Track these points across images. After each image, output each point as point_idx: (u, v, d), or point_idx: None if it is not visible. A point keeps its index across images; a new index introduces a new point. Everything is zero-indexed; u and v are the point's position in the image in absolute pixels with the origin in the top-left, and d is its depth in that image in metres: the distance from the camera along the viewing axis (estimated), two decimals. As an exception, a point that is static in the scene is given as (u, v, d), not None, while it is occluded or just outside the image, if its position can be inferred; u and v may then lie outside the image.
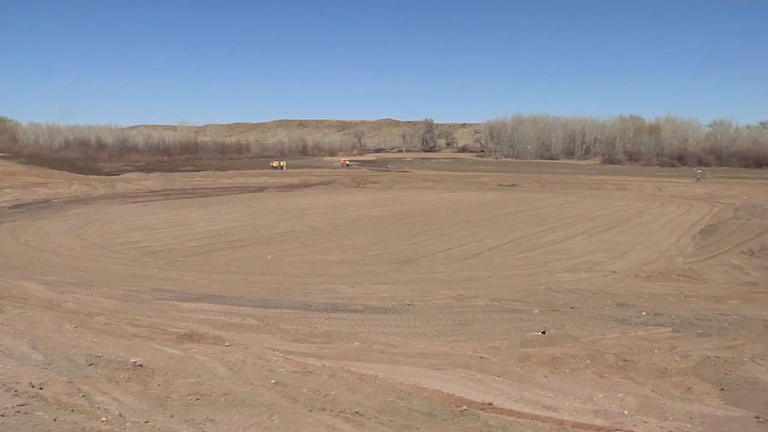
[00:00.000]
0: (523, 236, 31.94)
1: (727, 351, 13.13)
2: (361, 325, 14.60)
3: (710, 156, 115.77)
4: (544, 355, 12.22)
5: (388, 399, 8.53)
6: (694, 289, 20.87)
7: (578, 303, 17.79)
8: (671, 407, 9.47)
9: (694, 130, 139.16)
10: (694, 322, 15.44)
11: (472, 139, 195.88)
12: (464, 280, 21.47)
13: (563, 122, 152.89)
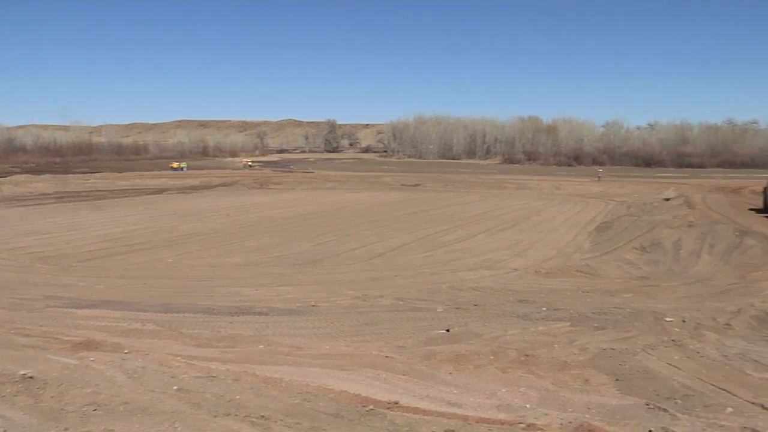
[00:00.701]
0: (427, 235, 32.33)
1: (621, 343, 13.66)
2: (266, 327, 14.40)
3: (604, 155, 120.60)
4: (448, 352, 12.37)
5: (294, 401, 8.43)
6: (591, 284, 21.62)
7: (481, 300, 18.13)
8: (570, 399, 9.75)
9: (589, 130, 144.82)
10: (591, 316, 15.99)
11: (375, 140, 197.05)
12: (369, 280, 21.53)
13: (464, 123, 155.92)
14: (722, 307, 17.57)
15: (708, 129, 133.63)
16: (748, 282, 21.85)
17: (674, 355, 12.91)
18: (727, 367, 12.53)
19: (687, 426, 8.58)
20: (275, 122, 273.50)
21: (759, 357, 13.19)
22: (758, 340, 14.47)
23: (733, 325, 15.49)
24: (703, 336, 14.49)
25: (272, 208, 45.87)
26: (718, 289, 20.93)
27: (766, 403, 10.31)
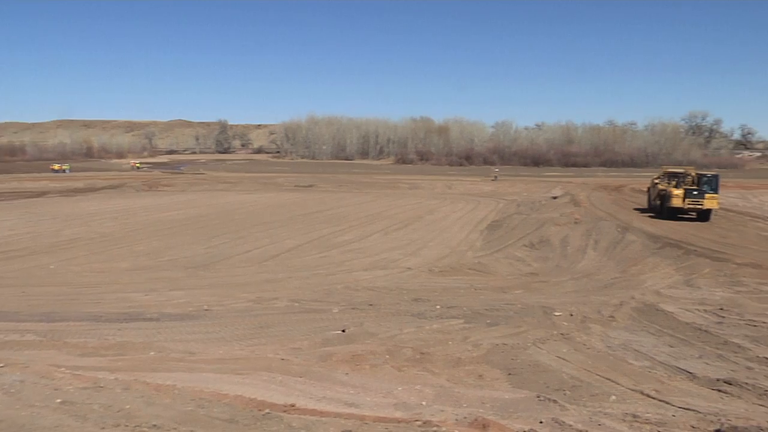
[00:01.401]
0: (322, 236, 32.22)
1: (513, 338, 14.04)
2: (157, 333, 13.94)
3: (494, 155, 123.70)
4: (344, 353, 12.35)
5: (187, 408, 8.17)
6: (483, 282, 22.10)
7: (376, 300, 18.20)
8: (465, 394, 9.92)
9: (480, 131, 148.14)
10: (483, 313, 16.35)
11: (268, 141, 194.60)
12: (264, 282, 21.24)
13: (357, 123, 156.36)
14: (606, 300, 18.36)
15: (591, 129, 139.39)
16: (630, 275, 22.94)
17: (563, 348, 13.37)
18: (611, 357, 13.09)
19: (575, 415, 8.88)
20: (164, 122, 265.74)
21: (639, 347, 13.85)
22: (639, 331, 15.20)
23: (617, 317, 16.20)
24: (590, 329, 15.09)
25: (162, 211, 44.53)
26: (603, 283, 21.85)
27: (645, 389, 10.84)
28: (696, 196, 37.23)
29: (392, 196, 55.78)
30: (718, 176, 38.97)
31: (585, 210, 40.91)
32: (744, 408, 10.08)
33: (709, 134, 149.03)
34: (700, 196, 37.12)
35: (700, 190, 37.54)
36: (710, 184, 37.95)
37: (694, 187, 38.25)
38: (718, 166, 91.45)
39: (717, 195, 37.63)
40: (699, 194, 37.24)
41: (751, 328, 15.06)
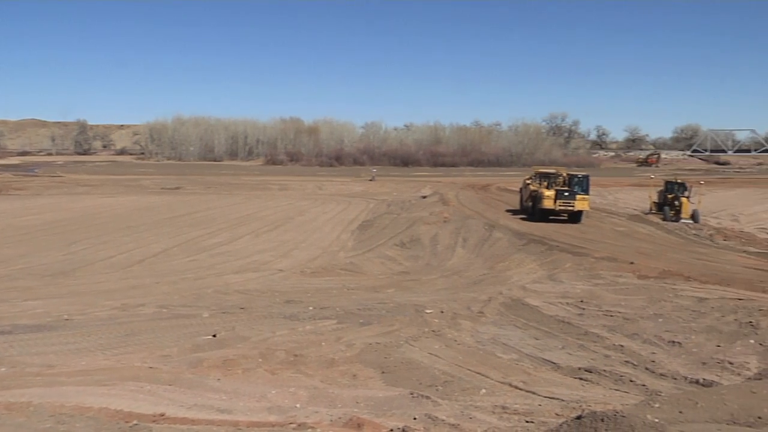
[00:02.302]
0: (190, 239, 31.31)
1: (386, 336, 14.15)
2: (10, 347, 12.98)
3: (364, 155, 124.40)
4: (216, 358, 12.03)
5: (46, 426, 7.66)
6: (356, 281, 22.19)
7: (248, 303, 17.88)
8: (339, 395, 9.89)
9: (349, 131, 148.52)
10: (356, 313, 16.40)
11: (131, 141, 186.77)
12: (129, 289, 20.34)
13: (225, 124, 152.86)
14: (475, 296, 18.87)
15: (458, 130, 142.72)
16: (497, 272, 23.71)
17: (434, 345, 13.62)
18: (481, 351, 13.46)
19: (447, 410, 9.05)
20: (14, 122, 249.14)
21: (507, 340, 14.33)
22: (507, 325, 15.72)
23: (486, 313, 16.69)
24: (460, 325, 15.45)
25: (15, 216, 41.66)
26: (472, 280, 22.46)
27: (513, 381, 11.23)
28: (567, 197, 36.40)
29: (262, 198, 55.05)
30: (589, 177, 38.84)
31: (453, 209, 41.87)
32: (602, 394, 10.63)
33: (568, 135, 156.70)
34: (571, 197, 36.38)
35: (571, 191, 36.89)
36: (581, 184, 37.70)
37: (566, 188, 37.61)
38: (576, 165, 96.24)
39: (588, 196, 37.30)
40: (570, 195, 36.50)
41: (609, 318, 15.92)
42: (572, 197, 36.36)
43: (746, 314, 15.43)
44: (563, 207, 36.36)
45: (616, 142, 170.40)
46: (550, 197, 36.48)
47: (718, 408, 8.11)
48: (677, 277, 20.67)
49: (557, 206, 36.29)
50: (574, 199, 36.25)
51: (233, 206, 47.85)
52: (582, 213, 36.71)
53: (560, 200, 36.27)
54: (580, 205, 36.34)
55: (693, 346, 13.44)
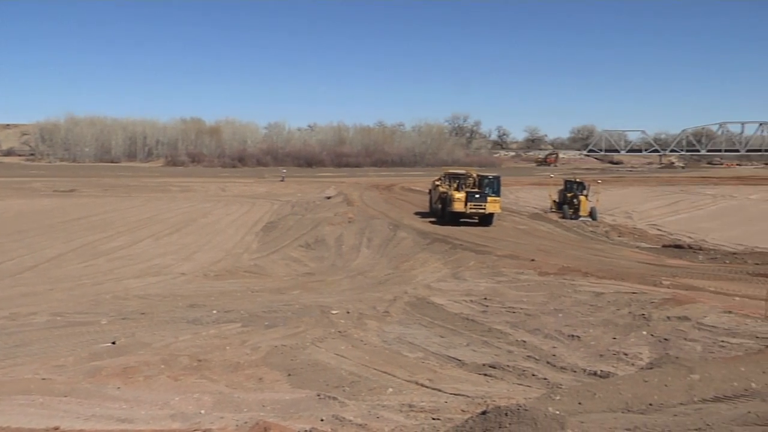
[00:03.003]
0: (86, 244, 30.12)
1: (292, 338, 14.02)
2: None
3: (268, 156, 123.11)
4: (115, 366, 11.61)
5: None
6: (260, 284, 21.92)
7: (149, 308, 17.36)
8: (245, 399, 9.73)
9: (252, 132, 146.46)
10: (261, 315, 16.19)
11: (20, 142, 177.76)
12: (19, 297, 19.34)
13: (123, 124, 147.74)
14: (381, 296, 18.96)
15: (362, 130, 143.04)
16: (402, 271, 23.90)
17: (341, 346, 13.58)
18: (387, 351, 13.51)
19: (355, 410, 9.03)
20: None
21: (413, 339, 14.45)
22: (412, 324, 15.85)
23: (391, 312, 16.78)
24: (366, 325, 15.48)
25: None
26: (377, 279, 22.55)
27: (419, 379, 11.33)
28: (478, 199, 34.99)
29: (163, 200, 53.59)
30: (499, 177, 37.65)
31: (358, 209, 41.95)
32: (506, 388, 10.86)
33: (470, 135, 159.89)
34: (483, 199, 35.02)
35: (482, 193, 35.55)
36: (492, 186, 36.42)
37: (476, 189, 36.25)
38: (478, 164, 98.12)
39: (499, 198, 36.13)
40: (481, 198, 35.11)
41: (511, 315, 16.28)
42: (483, 199, 35.08)
43: (639, 307, 16.08)
44: (474, 210, 35.08)
45: (517, 142, 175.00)
46: (460, 200, 35.01)
47: (614, 398, 8.44)
48: (576, 273, 21.35)
49: (468, 209, 34.93)
50: (485, 201, 35.01)
51: (132, 209, 46.37)
52: (493, 215, 35.75)
53: (471, 203, 34.90)
54: (491, 208, 35.22)
55: (591, 339, 13.90)
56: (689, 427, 7.04)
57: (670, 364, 9.93)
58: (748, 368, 9.79)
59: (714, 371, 9.54)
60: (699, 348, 12.98)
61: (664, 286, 18.95)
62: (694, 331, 14.05)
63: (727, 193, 55.36)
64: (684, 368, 9.55)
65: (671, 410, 8.11)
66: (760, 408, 7.91)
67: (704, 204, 48.58)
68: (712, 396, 8.77)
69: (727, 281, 20.28)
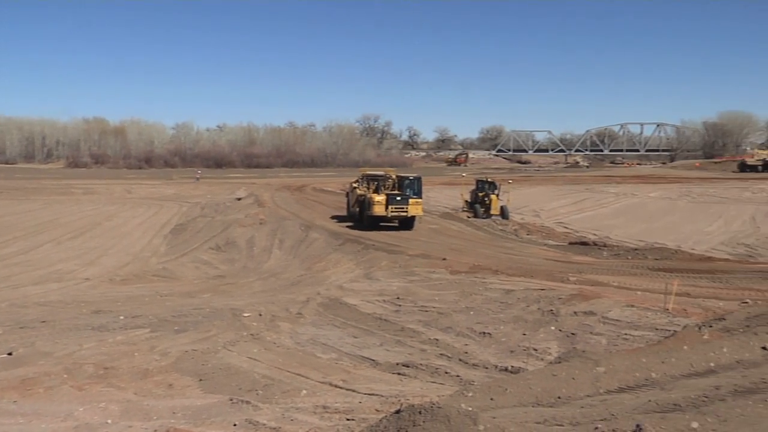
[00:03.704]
0: (-22, 250, 28.66)
1: (203, 343, 13.73)
2: None
3: (175, 157, 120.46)
4: (12, 378, 11.06)
5: None
6: (169, 288, 21.43)
7: (50, 316, 16.65)
8: (155, 406, 9.44)
9: (159, 132, 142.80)
10: (171, 320, 15.80)
11: None
12: None
13: (19, 123, 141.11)
14: (294, 297, 18.82)
15: (273, 131, 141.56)
16: (315, 272, 23.79)
17: (253, 349, 13.39)
18: (301, 353, 13.42)
19: (268, 414, 8.92)
20: None
21: (326, 340, 14.41)
22: (325, 325, 15.80)
23: (304, 314, 16.69)
24: (279, 327, 15.34)
25: None
26: (290, 281, 22.39)
27: (333, 380, 11.29)
28: (399, 202, 32.86)
29: (65, 203, 51.54)
30: (421, 178, 35.99)
31: (269, 210, 41.50)
32: (420, 387, 10.95)
33: (381, 135, 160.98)
34: (404, 202, 32.95)
35: (403, 195, 33.50)
36: (413, 187, 34.66)
37: (397, 192, 34.29)
38: (390, 165, 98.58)
39: (421, 199, 34.28)
40: (402, 200, 33.00)
41: (424, 314, 16.43)
42: (405, 202, 33.00)
43: (548, 303, 16.51)
44: (396, 213, 32.92)
45: (427, 143, 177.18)
46: (380, 203, 32.72)
47: (524, 392, 8.64)
48: (486, 271, 21.73)
49: (389, 212, 32.73)
50: (406, 204, 32.96)
51: (31, 212, 44.38)
52: (415, 218, 33.90)
53: (392, 206, 32.68)
54: (413, 210, 33.24)
55: (502, 335, 14.17)
56: (595, 417, 7.26)
57: (577, 358, 10.23)
58: (649, 359, 10.19)
59: (618, 363, 9.88)
60: (604, 341, 13.44)
61: (571, 283, 19.52)
62: (600, 325, 14.54)
63: (628, 191, 57.56)
64: (590, 361, 9.86)
65: (579, 402, 8.35)
66: (659, 396, 8.26)
67: (608, 202, 50.39)
68: (617, 387, 9.09)
69: (630, 276, 21.08)
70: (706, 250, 28.24)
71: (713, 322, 12.84)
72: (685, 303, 16.44)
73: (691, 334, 11.95)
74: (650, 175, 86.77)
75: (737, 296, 17.46)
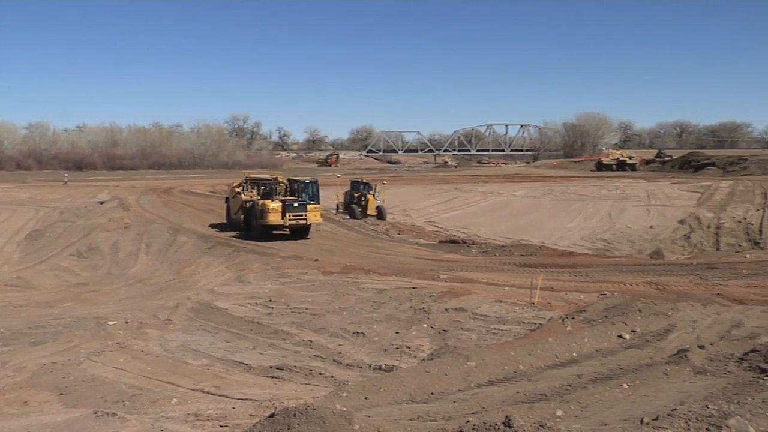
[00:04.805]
0: None
1: (63, 354, 13.04)
2: None
3: (29, 159, 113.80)
4: None
5: None
6: (25, 298, 20.28)
7: None
8: (7, 426, 8.86)
9: (10, 132, 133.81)
10: (27, 332, 14.93)
11: None
12: None
13: None
14: (162, 303, 18.23)
15: (137, 131, 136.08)
16: (184, 276, 23.15)
17: (120, 358, 12.85)
18: (171, 360, 13.00)
19: (137, 425, 8.57)
20: None
21: (198, 346, 14.04)
22: (196, 330, 15.40)
23: (174, 320, 16.20)
24: (147, 334, 14.81)
25: None
26: (158, 286, 21.68)
27: (205, 387, 11.02)
28: (297, 209, 30.04)
29: None
30: (317, 182, 33.25)
31: (135, 214, 39.88)
32: (294, 389, 10.87)
33: (251, 136, 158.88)
34: (302, 208, 30.17)
35: (301, 202, 30.61)
36: (308, 191, 31.85)
37: (293, 197, 31.22)
38: (260, 166, 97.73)
39: (319, 205, 31.75)
40: (301, 207, 30.19)
41: (297, 315, 16.34)
42: (303, 208, 30.22)
43: (419, 301, 16.81)
44: (295, 220, 30.19)
45: (298, 143, 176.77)
46: (276, 210, 29.69)
47: (398, 390, 8.75)
48: (359, 271, 21.86)
49: (287, 221, 29.95)
50: (305, 211, 30.23)
51: None
52: (311, 226, 31.29)
53: (290, 213, 29.86)
54: (312, 217, 30.65)
55: (375, 335, 14.30)
56: (467, 411, 7.45)
57: (449, 354, 10.47)
58: (517, 352, 10.60)
59: (488, 357, 10.21)
60: (474, 337, 13.83)
61: (441, 280, 19.97)
62: (470, 321, 14.96)
63: (495, 190, 59.51)
64: (461, 357, 10.13)
65: (451, 397, 8.54)
66: (527, 387, 8.61)
67: (475, 201, 51.94)
68: (487, 380, 9.38)
69: (498, 272, 21.82)
70: (568, 245, 29.74)
71: (575, 314, 13.53)
72: (550, 297, 17.22)
73: (556, 326, 12.54)
74: (515, 174, 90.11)
75: (596, 289, 18.46)
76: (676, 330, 12.08)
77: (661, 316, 12.95)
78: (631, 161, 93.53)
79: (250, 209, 31.84)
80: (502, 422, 5.30)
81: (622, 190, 56.64)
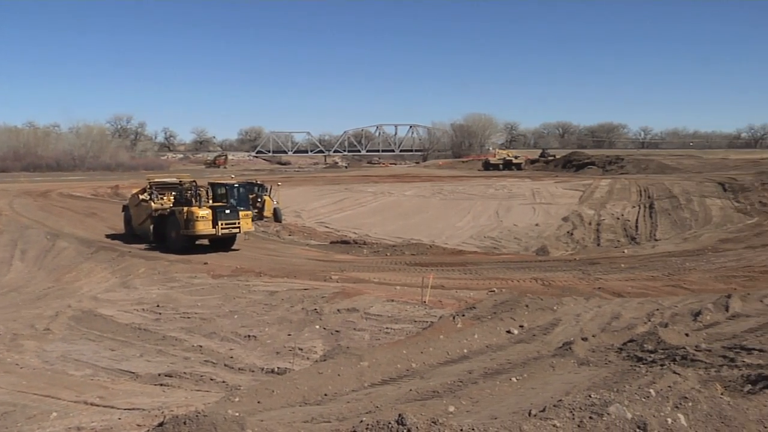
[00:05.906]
0: None
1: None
2: None
3: None
4: None
5: None
6: None
7: None
8: None
9: None
10: None
11: None
12: None
13: None
14: (41, 312, 17.35)
15: (9, 131, 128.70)
16: (65, 284, 22.11)
17: (-10, 373, 12.11)
18: (50, 372, 12.38)
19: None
20: None
21: (80, 356, 13.43)
22: (78, 339, 14.74)
23: (53, 329, 15.46)
24: (22, 346, 14.07)
25: None
26: (35, 295, 20.62)
27: (89, 398, 10.54)
28: (230, 216, 27.39)
29: None
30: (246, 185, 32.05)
31: (8, 218, 37.73)
32: (185, 396, 10.58)
33: (135, 137, 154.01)
34: (235, 215, 27.67)
35: (233, 208, 28.21)
36: (234, 196, 30.28)
37: (221, 204, 28.23)
38: (145, 167, 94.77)
39: (250, 212, 29.94)
40: (233, 214, 27.65)
41: (186, 320, 15.94)
42: (236, 215, 27.71)
43: (312, 302, 16.74)
44: (228, 229, 27.44)
45: (185, 144, 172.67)
46: (205, 218, 26.62)
47: (291, 392, 8.66)
48: (249, 273, 21.56)
49: (220, 230, 26.98)
50: (238, 218, 27.74)
51: None
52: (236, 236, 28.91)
53: (223, 221, 27.01)
54: (246, 225, 28.32)
55: (267, 337, 14.14)
56: (361, 411, 7.44)
57: (342, 355, 10.46)
58: (409, 350, 10.70)
59: (380, 357, 10.25)
60: (367, 336, 13.89)
61: (333, 281, 19.96)
62: (363, 321, 15.02)
63: (385, 190, 59.98)
64: (354, 357, 10.13)
65: (345, 397, 8.52)
66: (419, 385, 8.70)
67: (366, 201, 52.17)
68: (380, 380, 9.42)
69: (389, 272, 22.01)
70: (457, 244, 30.33)
71: (466, 311, 13.81)
72: (441, 295, 17.51)
73: (447, 323, 12.74)
74: (405, 174, 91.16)
75: (485, 286, 18.93)
76: (561, 324, 12.54)
77: (547, 311, 13.41)
78: (516, 161, 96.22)
79: (165, 218, 28.89)
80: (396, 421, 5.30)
81: (509, 189, 58.21)
